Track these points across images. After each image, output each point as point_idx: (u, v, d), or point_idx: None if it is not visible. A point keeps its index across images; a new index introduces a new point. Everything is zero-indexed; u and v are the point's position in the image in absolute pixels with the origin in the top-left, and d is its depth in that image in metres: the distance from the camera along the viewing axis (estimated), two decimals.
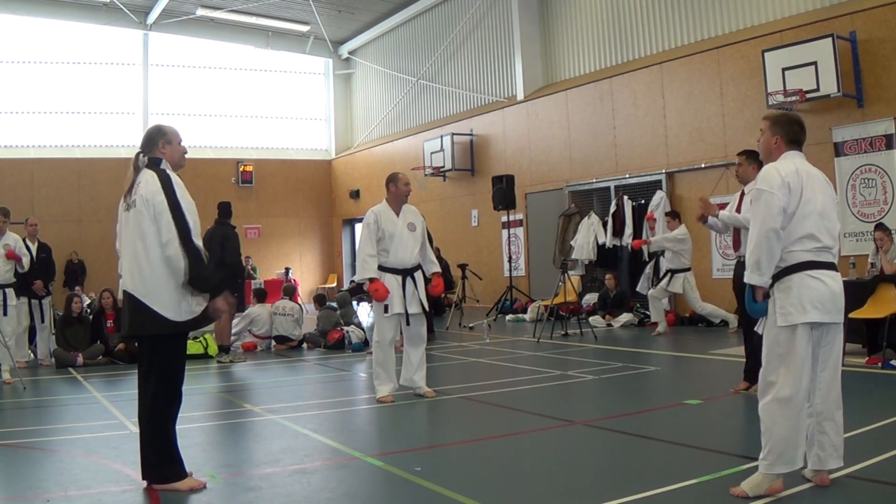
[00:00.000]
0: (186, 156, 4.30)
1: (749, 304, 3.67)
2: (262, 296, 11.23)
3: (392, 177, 6.59)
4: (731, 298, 10.92)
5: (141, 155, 4.05)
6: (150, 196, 3.87)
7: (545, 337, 10.46)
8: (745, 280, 3.59)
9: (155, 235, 3.86)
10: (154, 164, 4.01)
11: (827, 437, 3.57)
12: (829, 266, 3.56)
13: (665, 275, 10.76)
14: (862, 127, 10.02)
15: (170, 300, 3.87)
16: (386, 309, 6.28)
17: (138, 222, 3.90)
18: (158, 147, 4.06)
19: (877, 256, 8.20)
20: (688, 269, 10.50)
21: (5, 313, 8.36)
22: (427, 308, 6.57)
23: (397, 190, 6.50)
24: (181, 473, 3.92)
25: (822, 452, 3.59)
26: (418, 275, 6.51)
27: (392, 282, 6.31)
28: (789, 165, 3.58)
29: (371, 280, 6.25)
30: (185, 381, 4.04)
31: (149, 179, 3.93)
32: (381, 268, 6.35)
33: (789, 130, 3.71)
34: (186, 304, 3.92)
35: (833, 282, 3.54)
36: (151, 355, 3.92)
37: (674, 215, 10.83)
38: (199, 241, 3.93)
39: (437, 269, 6.71)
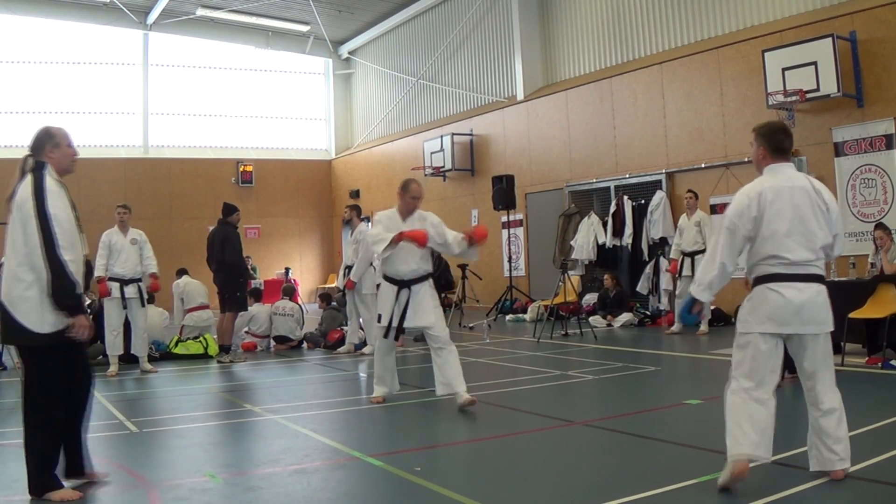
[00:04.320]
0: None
1: (684, 313, 4.03)
2: (258, 295, 11.23)
3: (404, 185, 6.31)
4: (732, 299, 10.97)
5: (29, 158, 3.91)
6: (21, 202, 3.74)
7: (545, 337, 10.46)
8: (693, 294, 3.84)
9: (22, 243, 3.73)
10: (38, 169, 3.85)
11: (823, 444, 3.63)
12: (796, 278, 3.62)
13: (682, 263, 10.52)
14: (862, 127, 10.02)
15: (31, 311, 3.73)
16: (379, 318, 6.19)
17: (12, 229, 3.78)
18: (46, 151, 3.91)
19: (877, 256, 8.20)
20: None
21: (143, 304, 8.76)
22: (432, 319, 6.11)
23: (403, 201, 6.27)
24: (51, 485, 3.79)
25: (820, 456, 3.66)
26: (419, 287, 6.14)
27: (388, 292, 6.15)
28: (757, 186, 3.72)
29: (397, 236, 5.94)
30: (186, 381, 4.05)
31: (25, 185, 3.79)
32: (384, 277, 6.21)
33: (772, 140, 3.80)
34: (52, 315, 3.74)
35: (796, 293, 3.60)
36: (22, 362, 3.88)
37: (696, 195, 10.78)
38: (67, 254, 3.72)
39: (463, 237, 6.16)
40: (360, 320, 10.09)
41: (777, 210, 3.64)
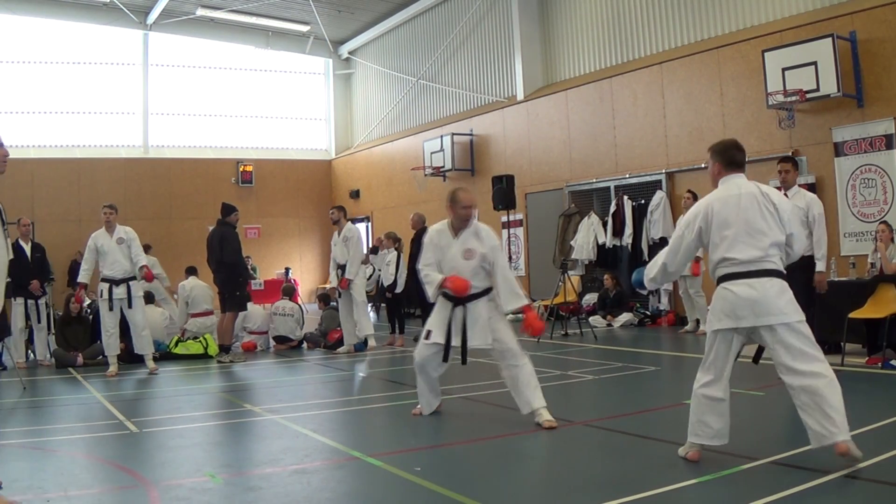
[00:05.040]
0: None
1: (635, 285, 4.69)
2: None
3: (451, 196, 5.53)
4: None
5: None
6: None
7: (545, 337, 10.46)
8: (646, 282, 4.44)
9: None
10: None
11: (811, 417, 3.77)
12: (748, 275, 3.92)
13: None
14: (862, 127, 10.02)
15: None
16: (427, 334, 5.50)
17: None
18: None
19: (876, 256, 8.21)
20: None
21: (130, 305, 8.61)
22: (489, 341, 5.42)
23: (454, 214, 5.51)
24: None
25: (814, 432, 3.79)
26: (476, 304, 5.41)
27: (442, 309, 5.47)
28: (706, 201, 4.14)
29: (442, 282, 5.34)
30: (186, 381, 4.06)
31: None
32: (442, 293, 5.53)
33: (725, 156, 4.21)
34: None
35: (747, 289, 3.90)
36: None
37: (694, 196, 10.82)
38: None
39: (522, 302, 5.42)
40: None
41: (724, 218, 4.01)
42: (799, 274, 5.08)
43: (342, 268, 9.94)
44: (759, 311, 3.86)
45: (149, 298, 10.29)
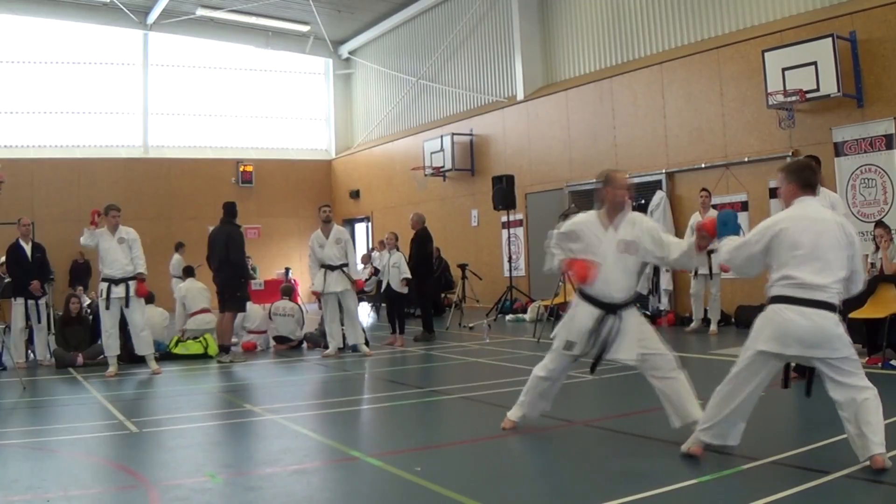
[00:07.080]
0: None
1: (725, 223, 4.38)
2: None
3: (606, 177, 4.76)
4: (732, 299, 10.97)
5: None
6: None
7: (545, 337, 10.42)
8: (721, 253, 4.26)
9: None
10: None
11: (858, 432, 3.77)
12: (804, 303, 3.82)
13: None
14: (862, 127, 10.02)
15: None
16: (569, 346, 4.78)
17: None
18: None
19: (876, 256, 8.20)
20: None
21: (128, 305, 8.58)
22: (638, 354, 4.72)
23: (611, 196, 4.66)
24: None
25: (854, 443, 3.80)
26: (630, 313, 4.68)
27: (586, 317, 4.69)
28: (783, 215, 4.07)
29: (564, 264, 4.66)
30: (186, 381, 4.06)
31: None
32: (582, 295, 4.80)
33: (801, 177, 4.13)
34: None
35: (799, 317, 3.81)
36: None
37: (710, 194, 10.67)
38: None
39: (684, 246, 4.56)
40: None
41: (795, 239, 3.91)
42: None
43: (336, 269, 9.70)
44: (808, 343, 3.81)
45: (149, 299, 10.28)
